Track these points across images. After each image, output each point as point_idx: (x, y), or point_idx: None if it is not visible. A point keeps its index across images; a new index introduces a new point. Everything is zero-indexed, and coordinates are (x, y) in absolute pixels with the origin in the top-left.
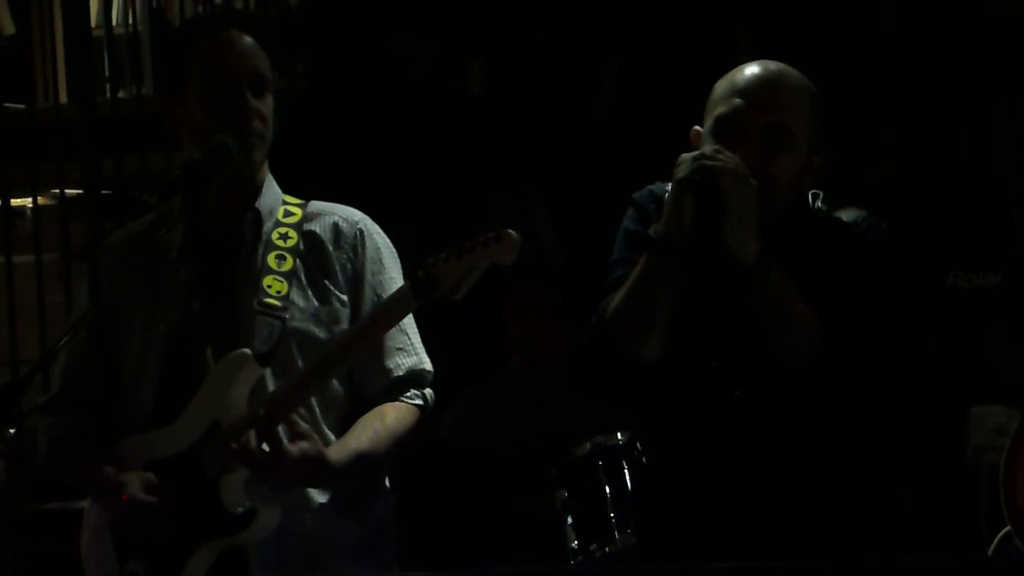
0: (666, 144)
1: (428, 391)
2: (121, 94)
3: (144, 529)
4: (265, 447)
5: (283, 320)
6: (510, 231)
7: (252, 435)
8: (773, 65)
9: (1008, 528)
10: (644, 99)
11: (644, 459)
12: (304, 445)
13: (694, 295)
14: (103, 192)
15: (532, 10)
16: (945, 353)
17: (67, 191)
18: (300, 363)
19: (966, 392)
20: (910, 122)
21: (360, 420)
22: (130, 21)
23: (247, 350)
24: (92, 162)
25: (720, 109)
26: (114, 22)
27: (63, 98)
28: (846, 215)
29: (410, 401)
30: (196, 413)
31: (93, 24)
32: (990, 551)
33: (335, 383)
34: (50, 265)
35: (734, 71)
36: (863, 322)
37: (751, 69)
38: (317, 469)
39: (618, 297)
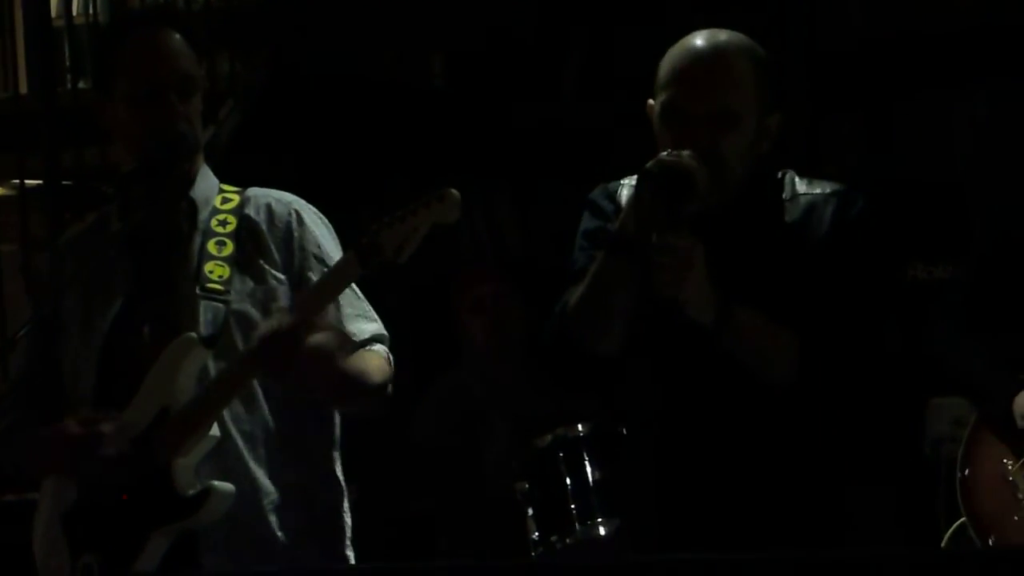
0: (629, 136)
1: (388, 352)
2: (82, 84)
3: (102, 473)
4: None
5: (226, 303)
6: (451, 190)
7: (270, 326)
8: (712, 39)
9: (962, 520)
10: (608, 91)
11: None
12: (321, 337)
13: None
14: (63, 183)
15: (496, 5)
16: (904, 345)
17: (27, 182)
18: (241, 345)
19: (925, 384)
20: (870, 114)
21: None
22: (91, 11)
23: (193, 334)
24: (52, 153)
25: (662, 96)
26: (75, 12)
27: (23, 88)
28: (820, 189)
29: (376, 351)
30: (144, 400)
31: (53, 14)
32: (944, 542)
33: (266, 413)
34: (10, 256)
35: (678, 46)
36: (841, 317)
37: (691, 47)
38: (330, 364)
39: (578, 292)
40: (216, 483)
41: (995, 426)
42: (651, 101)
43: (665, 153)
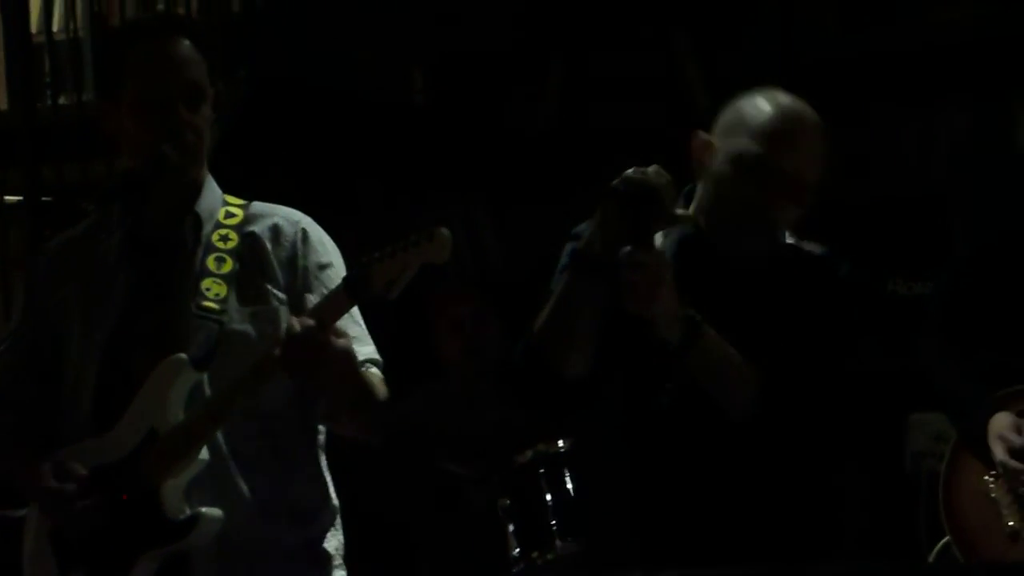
0: (611, 149)
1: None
2: (62, 100)
3: (85, 537)
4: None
5: (220, 324)
6: (441, 229)
7: (294, 321)
8: (804, 108)
9: (947, 538)
10: (589, 104)
11: (586, 470)
12: (344, 341)
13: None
14: (43, 199)
15: (475, 16)
16: (885, 360)
17: (7, 197)
18: (233, 366)
19: (906, 399)
20: (850, 128)
21: None
22: (71, 27)
23: (183, 355)
24: (32, 169)
25: (752, 142)
26: (54, 28)
27: (3, 104)
28: (808, 248)
29: (375, 372)
30: (133, 420)
31: (33, 30)
32: (931, 559)
33: (257, 431)
34: None
35: (763, 98)
36: (818, 370)
37: (787, 108)
38: (351, 369)
39: (544, 313)
40: (205, 509)
41: (975, 444)
42: (707, 137)
43: (631, 170)
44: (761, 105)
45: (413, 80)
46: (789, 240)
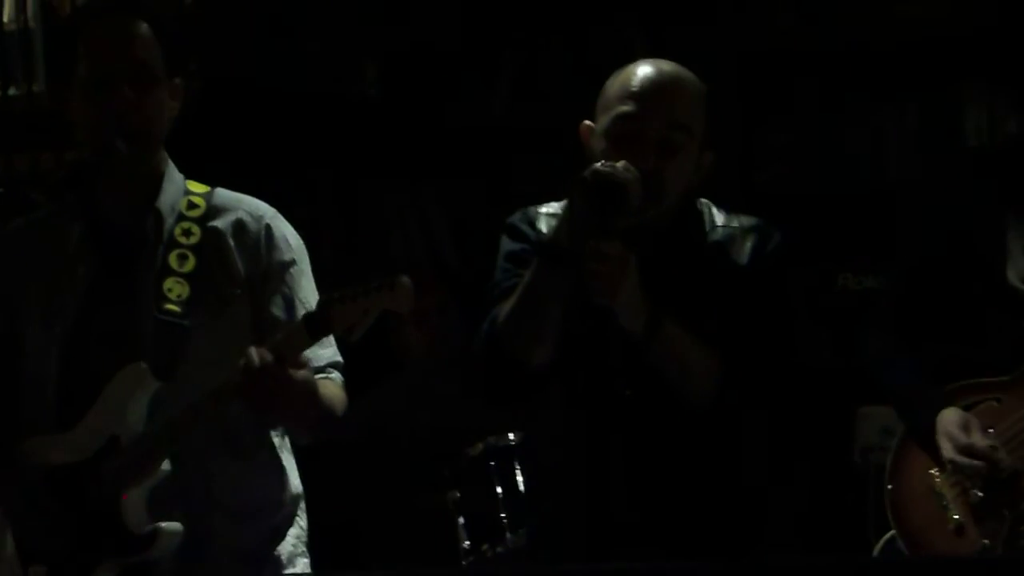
0: (562, 143)
1: (343, 380)
2: (12, 91)
3: (43, 537)
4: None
5: (184, 328)
6: (403, 277)
7: (253, 354)
8: (668, 66)
9: (892, 532)
10: (540, 99)
11: (536, 462)
12: (304, 373)
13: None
14: None
15: (428, 10)
16: (834, 354)
17: None
18: (203, 369)
19: (854, 393)
20: (803, 123)
21: None
22: (20, 18)
23: (143, 364)
24: None
25: (615, 111)
26: (5, 18)
27: None
28: (738, 223)
29: (333, 379)
30: (94, 424)
31: None
32: (875, 552)
33: (218, 431)
34: None
35: (627, 71)
36: (760, 344)
37: (645, 70)
38: (311, 399)
39: (509, 303)
40: (164, 525)
41: (923, 438)
42: (588, 123)
43: (600, 163)
44: (620, 75)
45: (366, 73)
46: (719, 216)
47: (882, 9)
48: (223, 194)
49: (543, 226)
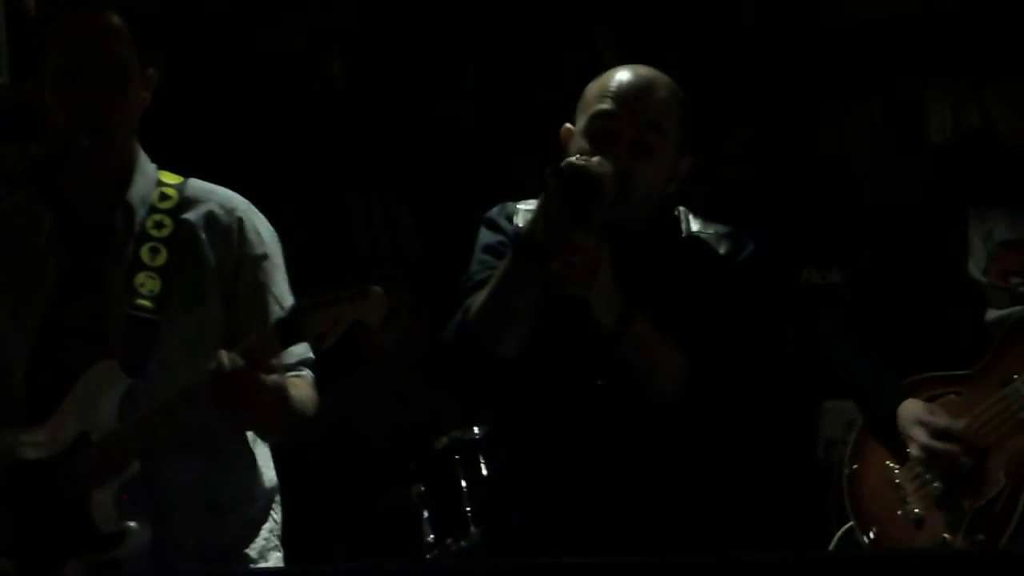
0: (527, 138)
1: (314, 378)
2: None
3: (12, 529)
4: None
5: (156, 324)
6: (375, 288)
7: (224, 358)
8: (645, 70)
9: (850, 524)
10: (506, 95)
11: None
12: (275, 378)
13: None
14: None
15: (393, 5)
16: (798, 349)
17: None
18: (175, 365)
19: (818, 387)
20: (769, 119)
21: None
22: None
23: (114, 362)
24: None
25: (593, 110)
26: None
27: None
28: (713, 230)
29: (304, 377)
30: (65, 420)
31: None
32: (832, 546)
33: (189, 424)
34: None
35: (607, 75)
36: (729, 348)
37: (624, 74)
38: (282, 404)
39: (483, 293)
40: (133, 524)
41: (882, 431)
42: (569, 125)
43: (575, 157)
44: (600, 80)
45: (332, 67)
46: (695, 223)
47: (846, 6)
48: (196, 185)
49: (521, 221)
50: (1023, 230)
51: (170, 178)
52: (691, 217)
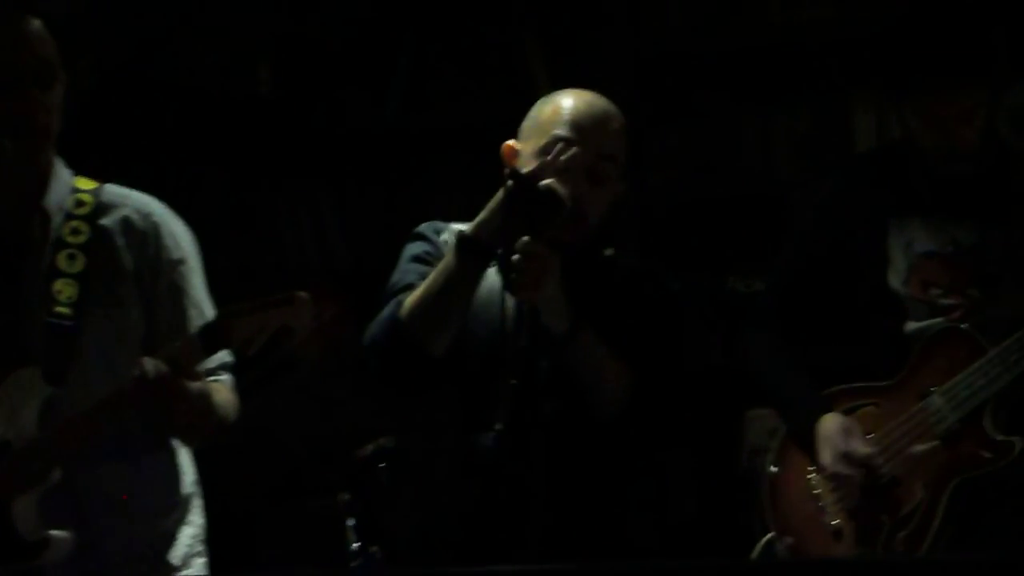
0: (455, 146)
1: (233, 382)
2: None
3: None
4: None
5: (75, 331)
6: (301, 294)
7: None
8: (597, 100)
9: (772, 534)
10: (434, 103)
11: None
12: (198, 385)
13: (491, 296)
14: None
15: (323, 10)
16: (722, 357)
17: None
18: (95, 371)
19: (743, 395)
20: (692, 126)
21: None
22: None
23: (35, 370)
24: None
25: (551, 135)
26: None
27: None
28: (642, 264)
29: (223, 381)
30: None
31: None
32: (755, 554)
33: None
34: None
35: (558, 100)
36: (662, 365)
37: (578, 102)
38: (205, 410)
39: (419, 291)
40: (55, 533)
41: (804, 441)
42: (512, 143)
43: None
44: (552, 103)
45: (259, 73)
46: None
47: (772, 14)
48: (111, 190)
49: (449, 239)
50: (943, 241)
51: (86, 184)
52: (607, 250)
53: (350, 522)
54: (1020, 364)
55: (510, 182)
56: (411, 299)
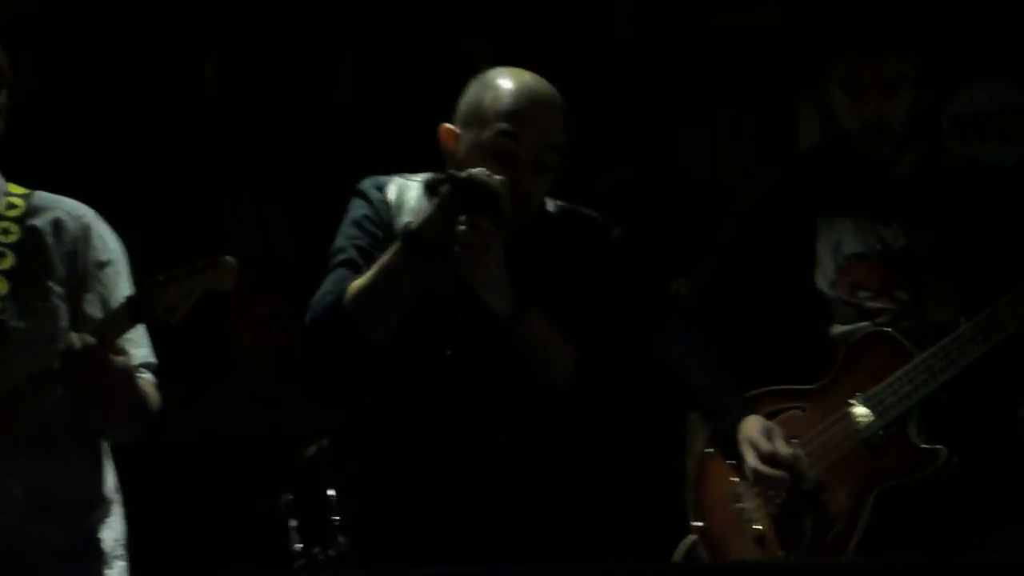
0: (402, 144)
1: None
2: None
3: None
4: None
5: (2, 325)
6: (226, 257)
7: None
8: (540, 87)
9: (694, 537)
10: (380, 101)
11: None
12: (123, 360)
13: (432, 289)
14: None
15: (268, 10)
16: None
17: None
18: (18, 363)
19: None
20: (643, 130)
21: None
22: None
23: None
24: None
25: (493, 129)
26: None
27: None
28: (579, 214)
29: (146, 378)
30: None
31: None
32: (677, 557)
33: (28, 427)
34: None
35: (499, 85)
36: (611, 333)
37: (521, 91)
38: (128, 385)
39: (363, 281)
40: None
41: (724, 445)
42: (450, 126)
43: (480, 171)
44: (494, 89)
45: (204, 72)
46: (557, 209)
47: (717, 17)
48: (43, 195)
49: (392, 194)
50: (872, 243)
51: (18, 189)
52: (554, 203)
53: (293, 523)
54: (946, 372)
55: (446, 186)
56: (354, 288)
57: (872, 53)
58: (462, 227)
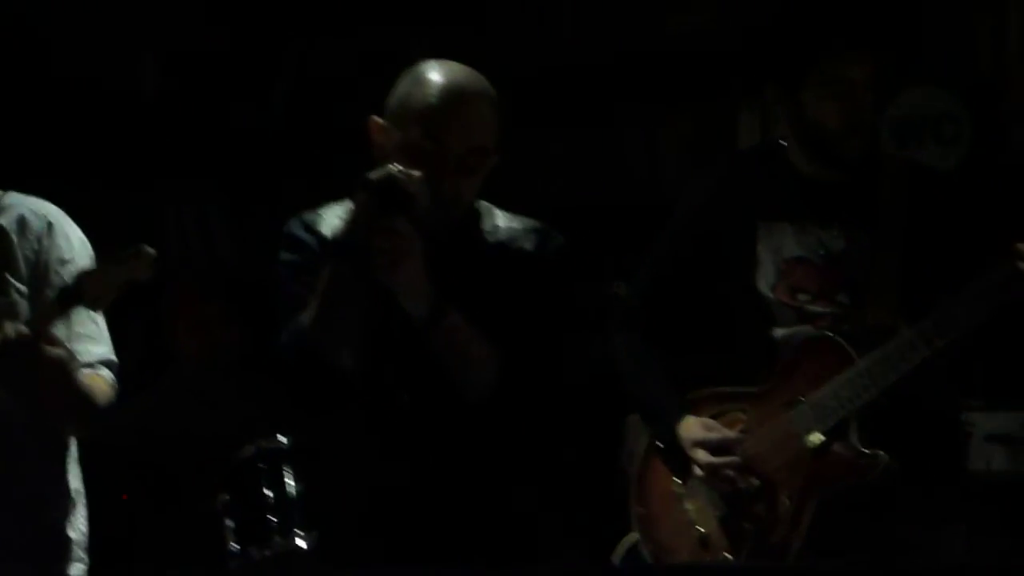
0: (340, 147)
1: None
2: None
3: None
4: None
5: None
6: (145, 247)
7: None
8: (469, 84)
9: (635, 536)
10: (320, 102)
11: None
12: (58, 351)
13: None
14: None
15: (207, 14)
16: (604, 360)
17: None
18: None
19: (624, 399)
20: (583, 133)
21: None
22: None
23: None
24: None
25: (418, 129)
26: None
27: None
28: (520, 224)
29: (103, 376)
30: None
31: None
32: (616, 559)
33: None
34: None
35: (427, 80)
36: (540, 343)
37: (449, 90)
38: (67, 379)
39: (311, 308)
40: None
41: (664, 449)
42: (378, 119)
43: (395, 168)
44: (421, 85)
45: (144, 71)
46: (502, 219)
47: (656, 19)
48: (12, 196)
49: (325, 228)
50: (812, 246)
51: None
52: (496, 212)
53: (229, 523)
54: (888, 377)
55: (363, 192)
56: (306, 320)
57: (862, 53)
58: (378, 239)
